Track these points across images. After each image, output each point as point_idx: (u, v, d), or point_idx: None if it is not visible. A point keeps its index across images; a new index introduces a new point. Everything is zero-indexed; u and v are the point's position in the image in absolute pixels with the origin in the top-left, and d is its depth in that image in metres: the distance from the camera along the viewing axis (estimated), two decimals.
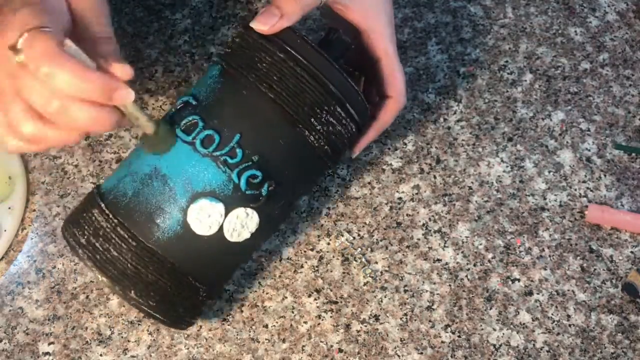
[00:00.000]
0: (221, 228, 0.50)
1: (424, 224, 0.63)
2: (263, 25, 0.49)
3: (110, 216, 0.50)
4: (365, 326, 0.59)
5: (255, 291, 0.61)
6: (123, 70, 0.43)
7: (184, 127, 0.50)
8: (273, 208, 0.52)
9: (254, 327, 0.60)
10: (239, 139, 0.49)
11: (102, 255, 0.49)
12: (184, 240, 0.49)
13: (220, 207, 0.49)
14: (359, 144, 0.58)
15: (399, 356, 0.58)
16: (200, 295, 0.52)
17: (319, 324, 0.60)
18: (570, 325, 0.58)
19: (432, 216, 0.63)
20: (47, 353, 0.60)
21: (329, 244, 0.62)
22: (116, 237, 0.49)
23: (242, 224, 0.50)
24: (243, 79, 0.50)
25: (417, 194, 0.64)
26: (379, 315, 0.59)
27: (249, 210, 0.50)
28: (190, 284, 0.51)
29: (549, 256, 0.61)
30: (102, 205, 0.50)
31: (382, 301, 0.60)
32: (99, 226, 0.50)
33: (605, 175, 0.64)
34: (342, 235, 0.63)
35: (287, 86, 0.49)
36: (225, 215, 0.49)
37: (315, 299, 0.60)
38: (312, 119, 0.50)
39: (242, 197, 0.49)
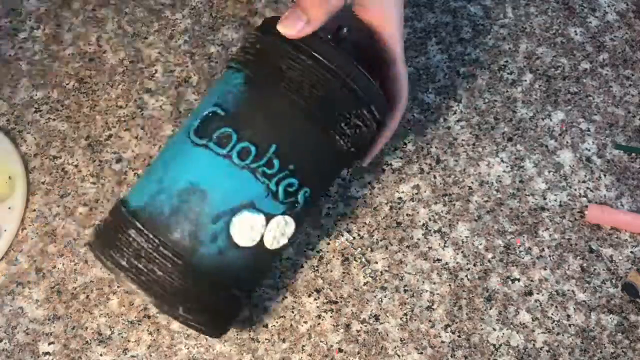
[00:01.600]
0: (262, 238, 0.50)
1: (424, 224, 0.63)
2: (290, 29, 0.49)
3: (151, 236, 0.49)
4: (365, 326, 0.59)
5: (256, 291, 0.61)
6: None
7: (217, 139, 0.49)
8: (306, 212, 0.52)
9: (254, 327, 0.60)
10: (275, 149, 0.49)
11: (147, 276, 0.48)
12: (227, 254, 0.49)
13: (261, 218, 0.49)
14: (370, 153, 0.58)
15: (399, 356, 0.58)
16: (240, 304, 0.53)
17: (319, 324, 0.60)
18: (570, 325, 0.58)
19: (432, 216, 0.63)
20: (47, 353, 0.60)
21: (329, 244, 0.62)
22: (160, 257, 0.48)
23: (281, 232, 0.51)
24: (272, 88, 0.49)
25: (417, 194, 0.64)
26: (379, 315, 0.59)
27: (287, 217, 0.51)
28: (233, 295, 0.51)
29: (549, 256, 0.61)
30: (138, 224, 0.49)
31: (382, 301, 0.60)
32: (139, 247, 0.49)
33: (605, 175, 0.64)
34: (342, 235, 0.63)
35: (318, 93, 0.49)
36: (266, 224, 0.50)
37: (315, 299, 0.60)
38: (343, 124, 0.50)
39: (280, 206, 0.50)
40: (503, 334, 0.58)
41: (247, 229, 0.49)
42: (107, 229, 0.51)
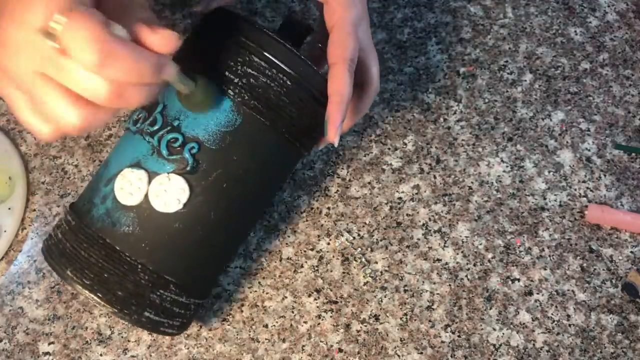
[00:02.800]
0: (147, 196, 0.49)
1: (424, 224, 0.63)
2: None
3: (68, 209, 0.53)
4: (365, 326, 0.59)
5: (255, 291, 0.61)
6: (170, 39, 0.39)
7: (134, 120, 0.52)
8: (209, 175, 0.49)
9: (254, 327, 0.60)
10: (162, 109, 0.50)
11: (50, 240, 0.52)
12: (114, 214, 0.49)
13: (141, 173, 0.49)
14: (329, 127, 0.50)
15: (399, 356, 0.58)
16: (141, 277, 0.49)
17: (319, 323, 0.60)
18: (570, 325, 0.58)
19: (432, 216, 0.63)
20: (47, 353, 0.60)
21: (329, 244, 0.62)
22: (64, 223, 0.52)
23: (165, 190, 0.49)
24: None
25: (417, 194, 0.64)
26: (379, 315, 0.59)
27: (173, 175, 0.49)
28: (125, 261, 0.49)
29: (549, 256, 0.61)
30: (67, 207, 0.54)
31: (382, 301, 0.60)
32: (60, 221, 0.54)
33: (605, 175, 0.64)
34: (342, 235, 0.63)
35: (196, 47, 0.50)
36: (149, 182, 0.49)
37: (315, 299, 0.60)
38: (227, 72, 0.49)
39: (166, 164, 0.49)
40: (503, 334, 0.58)
41: (127, 186, 0.49)
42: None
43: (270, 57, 0.49)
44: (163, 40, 0.38)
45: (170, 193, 0.49)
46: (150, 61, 0.37)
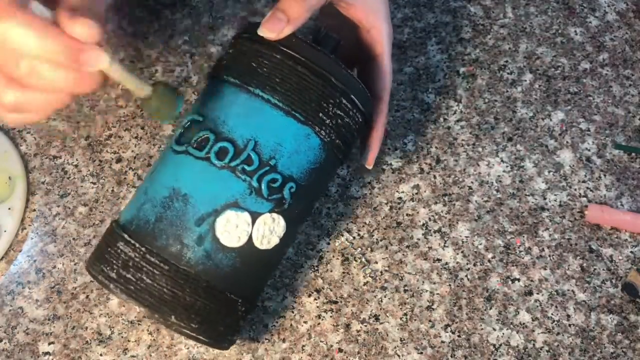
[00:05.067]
0: (250, 237, 0.49)
1: (424, 224, 0.63)
2: (270, 32, 0.48)
3: (137, 245, 0.48)
4: (365, 326, 0.59)
5: (258, 297, 0.61)
6: (84, 28, 0.37)
7: (196, 144, 0.49)
8: (296, 210, 0.52)
9: (254, 327, 0.60)
10: (253, 146, 0.49)
11: (135, 285, 0.48)
12: (215, 256, 0.49)
13: (246, 216, 0.49)
14: (369, 151, 0.57)
15: (399, 356, 0.58)
16: (239, 310, 0.52)
17: (319, 323, 0.60)
18: (570, 325, 0.58)
19: (432, 216, 0.63)
20: (47, 353, 0.60)
21: (329, 243, 0.62)
22: (147, 265, 0.48)
23: (270, 230, 0.50)
24: (245, 87, 0.49)
25: (417, 193, 0.64)
26: (379, 315, 0.59)
27: (275, 215, 0.50)
28: (228, 299, 0.50)
29: (549, 256, 0.61)
30: (126, 236, 0.49)
31: (382, 301, 0.60)
32: (126, 257, 0.48)
33: (605, 175, 0.64)
34: (342, 235, 0.63)
35: (291, 85, 0.49)
36: (253, 223, 0.49)
37: (315, 299, 0.60)
38: (321, 114, 0.50)
39: (266, 203, 0.49)
40: (503, 334, 0.58)
41: (232, 229, 0.48)
42: (100, 246, 0.51)
43: (354, 98, 0.51)
44: (82, 28, 0.38)
45: (273, 231, 0.50)
46: (59, 40, 0.37)
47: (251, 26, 0.51)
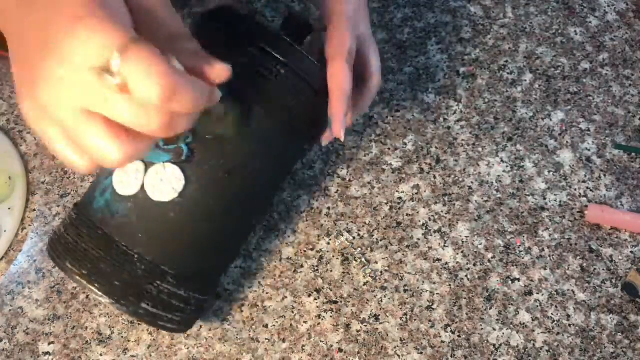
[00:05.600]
0: (143, 186, 0.49)
1: (424, 224, 0.63)
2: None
3: (72, 206, 0.54)
4: (365, 326, 0.59)
5: (255, 291, 0.61)
6: (223, 70, 0.39)
7: None
8: (203, 167, 0.50)
9: (254, 327, 0.60)
10: None
11: (53, 235, 0.53)
12: (113, 206, 0.50)
13: (138, 164, 0.49)
14: (334, 125, 0.52)
15: (399, 356, 0.58)
16: (139, 269, 0.50)
17: (319, 323, 0.60)
18: (570, 325, 0.58)
19: (432, 216, 0.63)
20: (47, 353, 0.60)
21: (329, 244, 0.62)
22: (68, 217, 0.53)
23: (161, 179, 0.49)
24: None
25: (417, 193, 0.64)
26: (379, 315, 0.59)
27: (168, 165, 0.49)
28: (123, 252, 0.49)
29: (549, 256, 0.61)
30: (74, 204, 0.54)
31: (382, 301, 0.60)
32: (64, 219, 0.54)
33: (605, 175, 0.64)
34: (342, 235, 0.63)
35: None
36: (145, 172, 0.49)
37: (315, 299, 0.60)
38: (247, 78, 0.50)
39: (162, 154, 0.49)
40: (503, 334, 0.58)
41: (125, 178, 0.50)
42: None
43: (272, 52, 0.49)
44: (219, 72, 0.38)
45: (165, 182, 0.49)
46: (206, 92, 0.37)
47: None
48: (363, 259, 0.62)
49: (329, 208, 0.64)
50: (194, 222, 0.51)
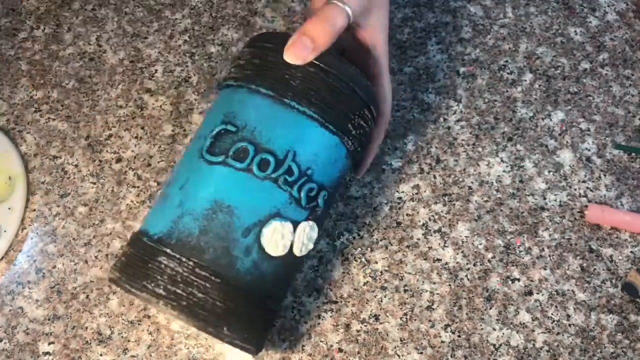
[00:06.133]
0: (291, 246, 0.51)
1: (423, 224, 0.63)
2: (296, 59, 0.50)
3: (183, 260, 0.48)
4: (365, 326, 0.59)
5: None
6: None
7: (234, 155, 0.49)
8: (324, 216, 0.53)
9: None
10: (293, 157, 0.50)
11: (187, 300, 0.47)
12: (262, 266, 0.50)
13: (289, 225, 0.50)
14: (363, 165, 0.60)
15: (399, 356, 0.58)
16: (274, 313, 0.53)
17: (319, 323, 0.60)
18: (570, 325, 0.58)
19: (432, 216, 0.63)
20: (47, 353, 0.60)
21: (329, 244, 0.62)
22: (197, 279, 0.48)
23: (308, 237, 0.51)
24: (280, 98, 0.50)
25: (417, 193, 0.64)
26: (379, 315, 0.59)
27: (311, 222, 0.51)
28: (268, 306, 0.51)
29: (549, 256, 0.61)
30: (168, 250, 0.48)
31: (382, 301, 0.60)
32: (173, 272, 0.48)
33: (605, 175, 0.64)
34: (342, 235, 0.63)
35: (324, 97, 0.50)
36: (294, 232, 0.50)
37: (315, 299, 0.60)
38: (349, 125, 0.52)
39: (304, 212, 0.51)
40: (503, 334, 0.58)
41: (277, 238, 0.49)
42: (132, 261, 0.50)
43: (373, 110, 0.54)
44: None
45: (310, 238, 0.52)
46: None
47: (272, 36, 0.52)
48: (363, 259, 0.62)
49: None
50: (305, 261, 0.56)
